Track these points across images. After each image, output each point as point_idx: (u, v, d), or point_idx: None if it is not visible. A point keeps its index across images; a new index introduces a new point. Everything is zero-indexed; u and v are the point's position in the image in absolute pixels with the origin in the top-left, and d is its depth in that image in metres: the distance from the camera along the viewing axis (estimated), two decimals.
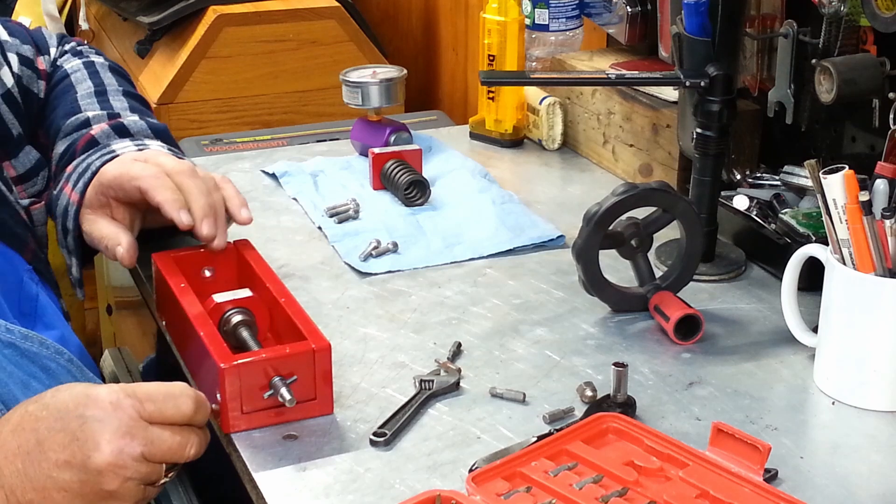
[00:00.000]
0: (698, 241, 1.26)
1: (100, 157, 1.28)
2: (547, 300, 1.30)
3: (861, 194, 1.06)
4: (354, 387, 1.13)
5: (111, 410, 0.94)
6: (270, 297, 1.16)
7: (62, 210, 1.27)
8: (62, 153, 1.33)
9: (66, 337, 1.20)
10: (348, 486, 0.99)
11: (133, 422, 0.95)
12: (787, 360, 1.18)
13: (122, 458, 0.94)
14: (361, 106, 1.64)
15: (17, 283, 1.20)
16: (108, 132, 1.33)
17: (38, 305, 1.21)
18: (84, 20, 2.74)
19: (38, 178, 1.35)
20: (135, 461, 0.94)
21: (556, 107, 1.70)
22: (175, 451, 0.97)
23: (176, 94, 2.22)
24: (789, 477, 1.01)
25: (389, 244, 1.40)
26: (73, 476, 0.93)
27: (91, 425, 0.94)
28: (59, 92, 1.41)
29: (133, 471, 0.94)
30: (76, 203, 1.26)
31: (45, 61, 1.42)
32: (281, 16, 2.27)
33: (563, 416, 1.08)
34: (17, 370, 1.09)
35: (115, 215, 1.26)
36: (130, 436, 0.94)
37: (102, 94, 1.39)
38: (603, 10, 1.70)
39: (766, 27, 1.37)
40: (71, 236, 1.26)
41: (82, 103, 1.38)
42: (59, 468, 0.93)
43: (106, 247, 1.25)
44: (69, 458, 0.93)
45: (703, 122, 1.30)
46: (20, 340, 1.10)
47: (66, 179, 1.29)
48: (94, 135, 1.32)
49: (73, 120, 1.35)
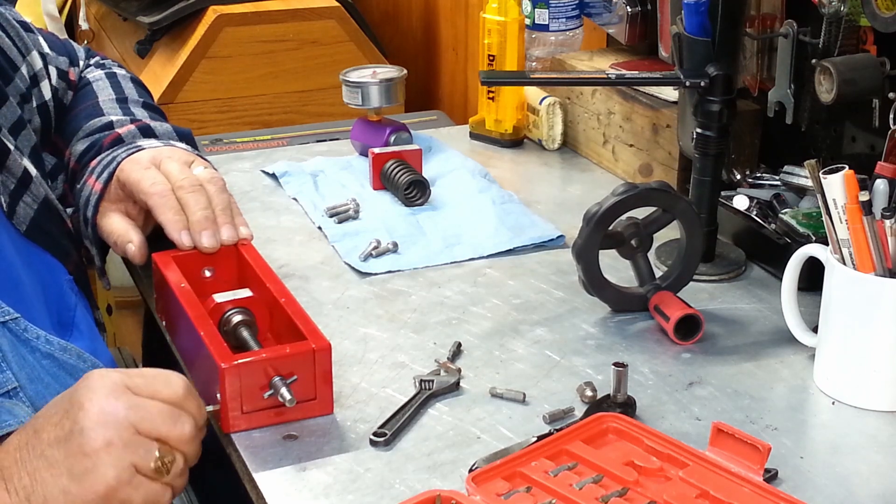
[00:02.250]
0: (698, 241, 1.27)
1: (126, 151, 1.30)
2: (547, 300, 1.30)
3: (861, 194, 1.06)
4: (354, 387, 1.13)
5: (99, 378, 0.95)
6: (270, 297, 1.16)
7: (84, 201, 1.29)
8: (84, 151, 1.35)
9: (98, 350, 1.21)
10: (348, 486, 0.99)
11: (118, 386, 0.94)
12: (787, 360, 1.18)
13: (105, 414, 0.92)
14: (361, 106, 1.64)
15: (57, 293, 1.21)
16: (134, 132, 1.35)
17: (76, 316, 1.22)
18: (84, 20, 2.74)
19: (58, 183, 1.36)
20: (119, 422, 0.92)
21: (556, 107, 1.70)
22: (164, 420, 0.94)
23: (176, 94, 2.23)
24: (789, 477, 1.01)
25: (389, 244, 1.40)
26: (59, 449, 0.92)
27: (78, 392, 0.94)
28: (80, 97, 1.43)
29: (117, 433, 0.92)
30: (98, 192, 1.28)
31: (75, 73, 1.45)
32: (281, 16, 2.27)
33: (563, 416, 1.08)
34: (53, 382, 1.10)
35: (129, 211, 1.28)
36: (115, 396, 0.93)
37: (124, 102, 1.42)
38: (603, 10, 1.70)
39: (766, 27, 1.37)
40: (90, 226, 1.28)
41: (104, 107, 1.40)
42: (50, 446, 0.93)
43: (115, 242, 1.27)
44: (59, 433, 0.93)
45: (703, 122, 1.30)
46: (59, 352, 1.11)
47: (90, 173, 1.31)
48: (121, 133, 1.35)
49: (95, 122, 1.38)
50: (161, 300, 1.24)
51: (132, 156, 1.28)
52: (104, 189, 1.27)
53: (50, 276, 1.21)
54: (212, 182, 1.26)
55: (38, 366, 1.09)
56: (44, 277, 1.19)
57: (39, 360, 1.09)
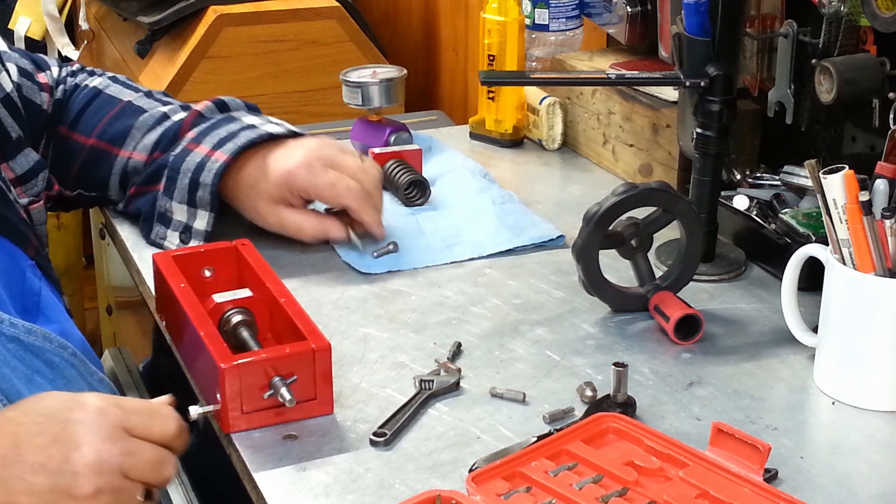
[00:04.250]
0: (698, 241, 1.27)
1: (246, 130, 1.37)
2: (547, 300, 1.30)
3: (861, 194, 1.06)
4: (354, 387, 1.13)
5: (97, 415, 0.94)
6: (270, 297, 1.16)
7: (194, 165, 1.35)
8: (158, 140, 1.40)
9: (68, 331, 1.21)
10: (348, 486, 0.99)
11: (116, 429, 0.95)
12: (787, 360, 1.18)
13: (101, 463, 0.93)
14: (361, 106, 1.64)
15: (19, 278, 1.21)
16: (211, 108, 1.43)
17: (41, 300, 1.22)
18: (84, 20, 2.74)
19: (38, 180, 1.36)
20: (112, 470, 0.93)
21: (556, 107, 1.70)
22: (153, 467, 0.96)
23: (176, 94, 2.21)
24: (789, 477, 1.01)
25: (389, 244, 1.40)
26: (45, 479, 0.92)
27: (75, 427, 0.94)
28: (100, 103, 1.45)
29: (108, 480, 0.93)
30: (221, 161, 1.34)
31: (46, 76, 1.45)
32: (281, 16, 2.27)
33: (563, 416, 1.08)
34: (20, 365, 1.09)
35: (294, 203, 1.37)
36: (112, 442, 0.94)
37: (150, 96, 1.47)
38: (603, 10, 1.70)
39: (766, 27, 1.37)
40: (209, 190, 1.34)
41: (140, 104, 1.44)
42: (33, 471, 0.92)
43: (313, 237, 1.38)
44: (45, 461, 0.92)
45: (703, 122, 1.30)
46: (24, 335, 1.10)
47: (192, 141, 1.37)
48: (201, 110, 1.42)
49: (146, 117, 1.42)
50: (161, 300, 1.24)
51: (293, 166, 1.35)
52: (231, 159, 1.34)
53: (11, 262, 1.21)
54: (373, 168, 1.40)
55: (4, 349, 1.08)
56: (5, 264, 1.19)
57: (5, 344, 1.08)
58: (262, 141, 1.37)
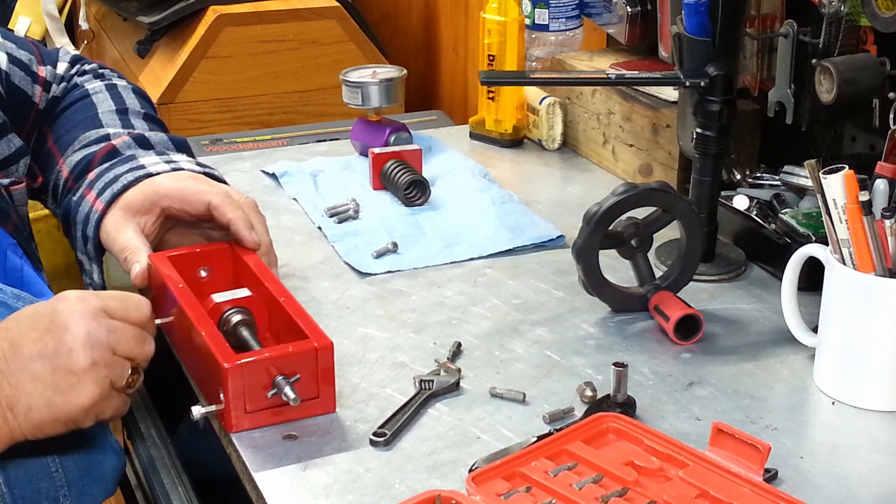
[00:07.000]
0: (698, 241, 1.27)
1: (131, 172, 1.29)
2: (547, 300, 1.30)
3: (861, 194, 1.06)
4: (354, 387, 1.13)
5: (78, 302, 1.02)
6: (269, 297, 1.16)
7: (83, 217, 1.29)
8: (78, 162, 1.35)
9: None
10: (348, 486, 0.99)
11: (98, 311, 1.02)
12: (787, 360, 1.18)
13: (91, 338, 1.00)
14: (361, 106, 1.64)
15: (0, 256, 1.22)
16: (129, 143, 1.35)
17: (24, 276, 1.23)
18: (84, 20, 2.74)
19: (19, 166, 1.36)
20: (102, 345, 1.00)
21: (556, 107, 1.70)
22: (136, 343, 1.03)
23: (176, 94, 2.23)
24: (789, 477, 1.01)
25: (389, 244, 1.40)
26: (45, 364, 0.99)
27: (61, 315, 1.00)
28: (78, 107, 1.43)
29: (101, 354, 1.00)
30: (99, 211, 1.28)
31: (46, 71, 1.44)
32: (281, 16, 2.27)
33: (563, 416, 1.08)
34: None
35: (145, 227, 1.27)
36: (97, 321, 1.01)
37: (124, 114, 1.42)
38: (603, 10, 1.70)
39: (766, 27, 1.37)
40: (91, 243, 1.29)
41: (103, 118, 1.40)
42: (32, 360, 0.99)
43: (126, 258, 1.26)
44: (41, 349, 0.99)
45: (703, 122, 1.30)
46: (12, 300, 1.12)
47: (88, 185, 1.30)
48: (116, 145, 1.35)
49: (91, 133, 1.38)
50: (158, 300, 1.24)
51: (163, 176, 1.27)
52: (106, 209, 1.27)
53: None
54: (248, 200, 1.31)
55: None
56: None
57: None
58: (137, 182, 1.28)
